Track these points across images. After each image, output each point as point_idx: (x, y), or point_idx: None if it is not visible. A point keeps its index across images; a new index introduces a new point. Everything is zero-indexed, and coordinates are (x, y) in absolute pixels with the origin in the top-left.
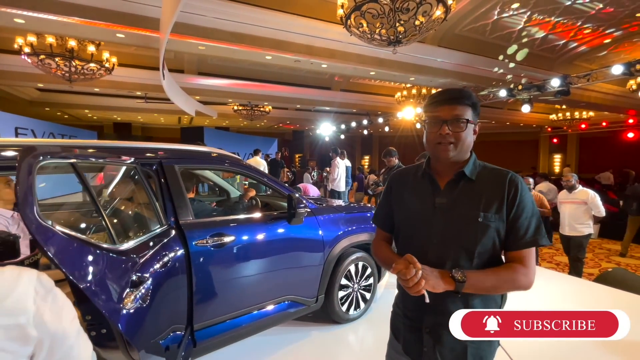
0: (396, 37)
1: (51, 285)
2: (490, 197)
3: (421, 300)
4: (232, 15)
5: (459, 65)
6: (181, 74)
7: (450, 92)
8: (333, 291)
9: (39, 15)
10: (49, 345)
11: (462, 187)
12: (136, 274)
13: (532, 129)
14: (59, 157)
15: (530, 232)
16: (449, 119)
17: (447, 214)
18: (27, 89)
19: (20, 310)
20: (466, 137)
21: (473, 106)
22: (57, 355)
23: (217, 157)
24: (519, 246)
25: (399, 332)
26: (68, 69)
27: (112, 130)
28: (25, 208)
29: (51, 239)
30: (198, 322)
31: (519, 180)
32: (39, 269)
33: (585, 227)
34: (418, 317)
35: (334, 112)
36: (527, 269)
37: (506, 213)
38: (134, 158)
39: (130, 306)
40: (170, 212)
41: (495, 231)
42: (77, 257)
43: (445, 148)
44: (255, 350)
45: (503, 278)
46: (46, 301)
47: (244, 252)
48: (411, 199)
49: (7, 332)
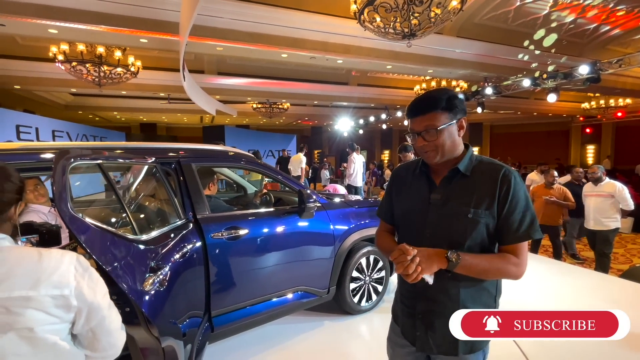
0: (410, 31)
1: (87, 264)
2: (482, 193)
3: (416, 286)
4: (248, 15)
5: (479, 56)
6: (201, 74)
7: (418, 103)
8: (344, 283)
9: (71, 25)
10: (87, 314)
11: (456, 183)
12: (156, 262)
13: (562, 118)
14: (88, 158)
15: (524, 227)
16: (421, 130)
17: (440, 209)
18: (62, 94)
19: (64, 284)
20: (445, 142)
21: (447, 108)
22: (93, 322)
23: (231, 156)
24: (512, 240)
25: (397, 316)
26: (97, 74)
27: (138, 131)
28: (61, 203)
29: (81, 228)
30: (215, 309)
31: (513, 176)
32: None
33: (611, 221)
34: (412, 304)
35: (352, 107)
36: (520, 260)
37: (498, 209)
38: (155, 158)
39: (149, 289)
40: (188, 207)
41: (485, 226)
42: (103, 244)
43: (427, 156)
44: (270, 337)
45: (495, 265)
46: (84, 277)
47: (257, 244)
48: (408, 195)
49: (55, 301)
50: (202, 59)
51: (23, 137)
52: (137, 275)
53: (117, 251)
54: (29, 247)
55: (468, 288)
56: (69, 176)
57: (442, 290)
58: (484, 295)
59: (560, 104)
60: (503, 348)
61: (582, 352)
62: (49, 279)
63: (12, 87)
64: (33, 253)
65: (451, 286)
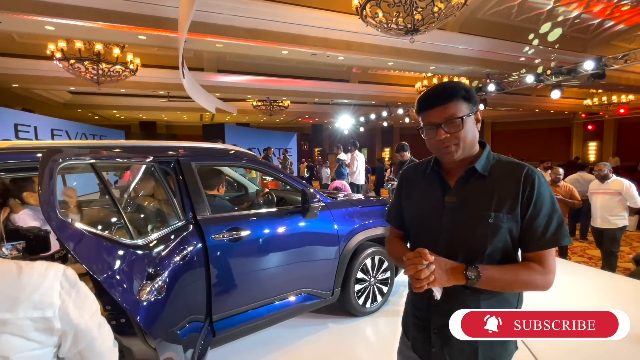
0: (413, 26)
1: (75, 279)
2: (503, 195)
3: (430, 299)
4: (248, 11)
5: (482, 52)
6: (201, 72)
7: (437, 92)
8: (349, 284)
9: (68, 21)
10: (73, 336)
11: (473, 184)
12: (154, 268)
13: (564, 115)
14: (78, 158)
15: (550, 232)
16: (442, 121)
17: (456, 213)
18: (60, 92)
19: (47, 304)
20: (467, 134)
21: (466, 97)
22: (81, 345)
23: (233, 154)
24: (537, 247)
25: (408, 329)
26: (96, 71)
27: (138, 129)
28: (47, 208)
29: (70, 235)
30: (217, 313)
31: (536, 175)
32: (68, 262)
33: (619, 219)
34: (426, 317)
35: (353, 105)
36: (546, 270)
37: (521, 212)
38: (153, 157)
39: (146, 298)
40: (188, 207)
41: (508, 232)
42: (94, 252)
43: (448, 151)
44: (273, 341)
45: (519, 277)
46: (70, 295)
47: (259, 246)
48: (419, 198)
49: (35, 324)
50: (202, 56)
51: (22, 135)
52: (134, 284)
53: (111, 259)
54: (6, 260)
55: (488, 300)
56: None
57: (461, 303)
58: (505, 307)
59: (562, 101)
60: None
61: (591, 351)
62: (28, 298)
63: (10, 86)
64: (11, 267)
65: (471, 300)
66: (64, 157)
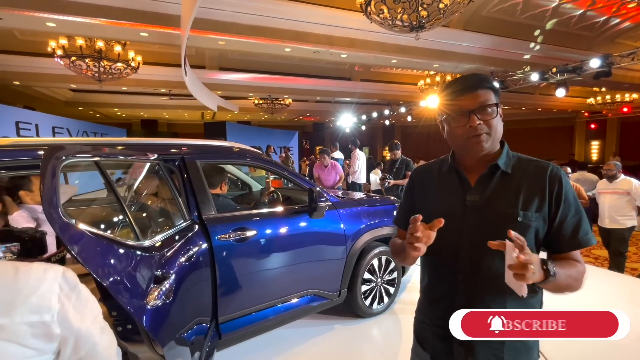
0: (419, 22)
1: (76, 282)
2: (529, 193)
3: (453, 307)
4: (251, 8)
5: (486, 49)
6: (203, 69)
7: (470, 78)
8: (356, 285)
9: (68, 18)
10: (74, 343)
11: (497, 182)
12: (160, 270)
13: (566, 114)
14: (82, 156)
15: (583, 231)
16: (476, 107)
17: (480, 212)
18: (62, 90)
19: (45, 308)
20: (498, 124)
21: (494, 89)
22: (82, 352)
23: (238, 152)
24: (570, 247)
25: (426, 341)
26: (97, 69)
27: (140, 127)
28: (50, 208)
29: (75, 237)
30: (223, 315)
31: (562, 174)
32: (67, 263)
33: (627, 219)
34: (447, 326)
35: (355, 103)
36: (585, 269)
37: (549, 212)
38: (157, 154)
39: (153, 302)
40: (194, 207)
41: (535, 231)
42: (100, 255)
43: (479, 140)
44: (279, 342)
45: (574, 276)
46: (70, 299)
47: (266, 246)
48: (437, 197)
49: (33, 329)
50: (204, 53)
51: (23, 133)
52: (140, 288)
53: (117, 262)
54: (2, 261)
55: (514, 307)
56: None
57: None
58: None
59: (565, 100)
60: None
61: (604, 353)
62: (25, 302)
63: (12, 83)
64: (7, 269)
65: (496, 305)
66: (67, 155)
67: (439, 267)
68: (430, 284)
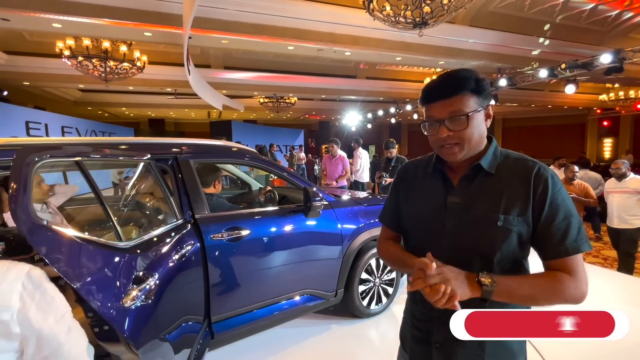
0: (422, 19)
1: (41, 281)
2: (512, 195)
3: (432, 308)
4: (253, 6)
5: (493, 46)
6: (208, 69)
7: (442, 83)
8: (353, 285)
9: (74, 18)
10: (36, 342)
11: (479, 183)
12: (142, 270)
13: (578, 111)
14: (62, 156)
15: (572, 237)
16: (445, 117)
17: (460, 215)
18: (70, 90)
19: (4, 306)
20: (473, 133)
21: (476, 90)
22: (45, 351)
23: (233, 151)
24: (557, 254)
25: (405, 341)
26: (104, 69)
27: (147, 127)
28: (17, 208)
29: (43, 239)
30: (215, 315)
31: (549, 174)
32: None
33: (637, 219)
34: (427, 329)
35: (360, 101)
36: (576, 279)
37: (533, 215)
38: (150, 154)
39: (131, 304)
40: (186, 206)
41: (517, 236)
42: (71, 256)
43: (450, 151)
44: (275, 342)
45: (544, 288)
46: (33, 298)
47: (259, 246)
48: (419, 197)
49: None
50: (208, 53)
51: (33, 133)
52: (117, 290)
53: (91, 263)
54: None
55: (494, 307)
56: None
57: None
58: None
59: (576, 96)
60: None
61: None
62: None
63: (22, 84)
64: None
65: (478, 308)
66: (41, 156)
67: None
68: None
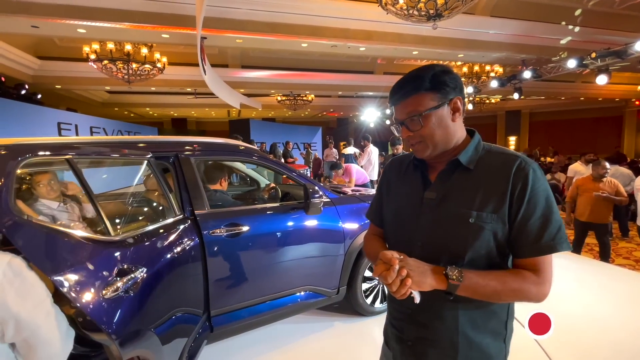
0: (436, 11)
1: (21, 269)
2: (488, 191)
3: (404, 306)
4: (266, 4)
5: (516, 36)
6: (225, 68)
7: (399, 85)
8: (356, 283)
9: (97, 24)
10: (14, 324)
11: (457, 178)
12: (130, 263)
13: (614, 103)
14: (46, 154)
15: (548, 236)
16: (404, 118)
17: (434, 211)
18: (99, 92)
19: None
20: (433, 131)
21: (433, 87)
22: (24, 333)
23: (234, 149)
24: (530, 252)
25: (389, 339)
26: (126, 71)
27: (170, 126)
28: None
29: (21, 232)
30: (215, 308)
31: (531, 168)
32: None
33: None
34: (400, 327)
35: (379, 97)
36: (540, 279)
37: (509, 212)
38: (151, 152)
39: (112, 296)
40: (186, 202)
41: (492, 234)
42: (49, 248)
43: (417, 149)
44: (277, 337)
45: (508, 285)
46: (12, 284)
47: (259, 242)
48: (399, 193)
49: None
50: (226, 52)
51: (64, 133)
52: (97, 281)
53: (70, 255)
54: None
55: (469, 311)
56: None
57: (437, 314)
58: (493, 321)
59: (612, 87)
60: (525, 347)
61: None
62: None
63: (54, 87)
64: None
65: (446, 308)
66: (24, 154)
67: None
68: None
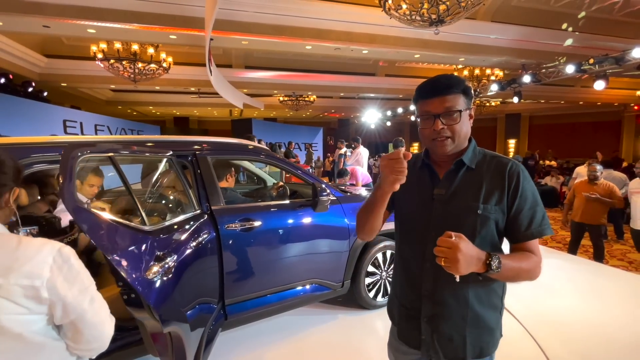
0: (438, 17)
1: (69, 257)
2: (490, 187)
3: (422, 288)
4: (271, 7)
5: (516, 41)
6: (229, 68)
7: (438, 82)
8: (359, 277)
9: (107, 24)
10: (62, 307)
11: (462, 176)
12: (162, 250)
13: (613, 108)
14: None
15: (536, 223)
16: (441, 112)
17: (445, 205)
18: (103, 90)
19: (36, 275)
20: (462, 128)
21: (464, 92)
22: (72, 316)
23: (248, 149)
24: (525, 237)
25: (393, 316)
26: (133, 70)
27: (172, 125)
28: (66, 194)
29: (85, 218)
30: (229, 298)
31: (520, 169)
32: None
33: None
34: (415, 306)
35: (380, 99)
36: (540, 260)
37: (507, 204)
38: (172, 151)
39: (153, 277)
40: (204, 198)
41: (495, 222)
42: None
43: (442, 143)
44: (283, 328)
45: (525, 266)
46: (61, 270)
47: (269, 236)
48: (410, 191)
49: (24, 291)
50: (230, 53)
51: (69, 131)
52: (141, 264)
53: (121, 240)
54: (13, 235)
55: (477, 289)
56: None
57: (451, 293)
58: (493, 296)
59: (611, 92)
60: (523, 346)
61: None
62: (20, 268)
63: (60, 85)
64: (12, 240)
65: (460, 287)
66: (83, 151)
67: (410, 254)
68: (403, 269)
